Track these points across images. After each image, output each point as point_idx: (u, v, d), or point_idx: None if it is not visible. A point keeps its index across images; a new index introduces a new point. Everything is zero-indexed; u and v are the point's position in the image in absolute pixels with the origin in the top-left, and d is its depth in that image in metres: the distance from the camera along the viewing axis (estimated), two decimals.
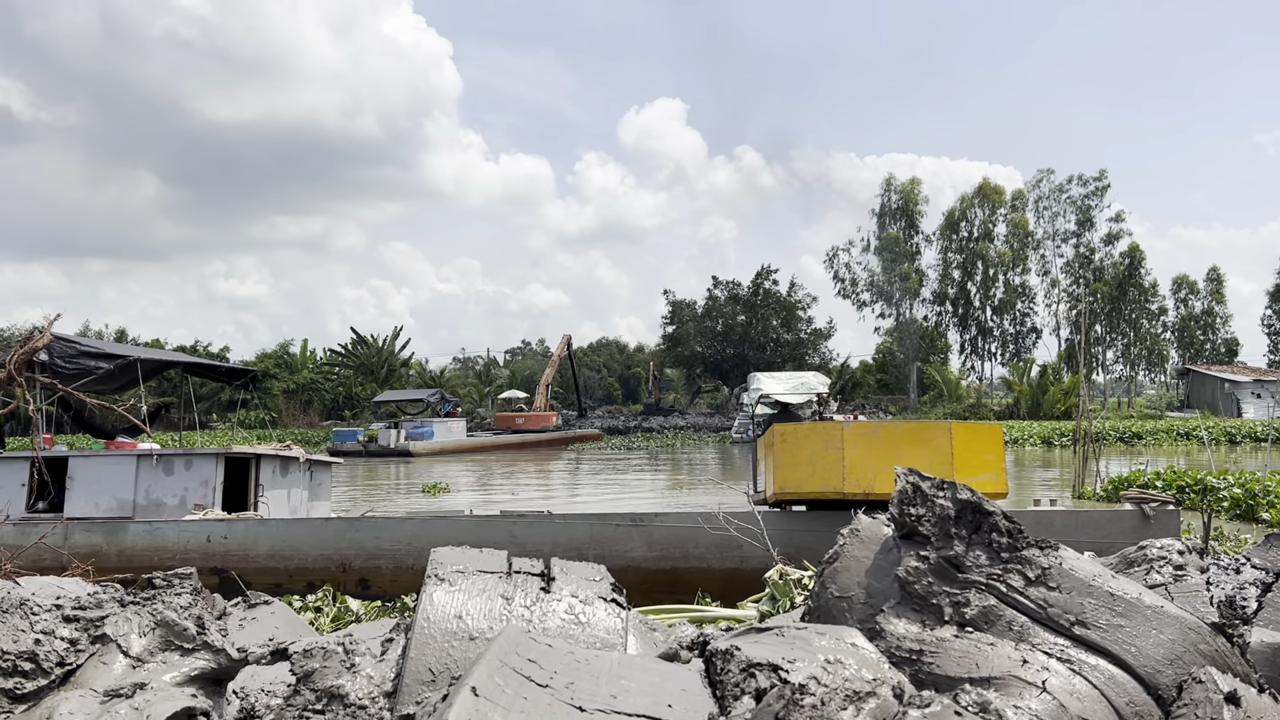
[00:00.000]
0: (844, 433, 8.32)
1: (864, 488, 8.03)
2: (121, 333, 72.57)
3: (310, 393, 67.18)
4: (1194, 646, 2.87)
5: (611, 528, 8.45)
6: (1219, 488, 15.46)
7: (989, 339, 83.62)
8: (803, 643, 2.77)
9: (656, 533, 8.42)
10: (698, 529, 8.28)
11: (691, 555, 8.32)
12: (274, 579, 8.34)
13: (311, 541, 8.54)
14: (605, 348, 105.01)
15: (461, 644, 2.88)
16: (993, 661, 2.77)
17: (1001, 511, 3.24)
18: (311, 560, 8.45)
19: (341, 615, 7.65)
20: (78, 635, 3.19)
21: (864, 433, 8.32)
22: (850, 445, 8.21)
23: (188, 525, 8.67)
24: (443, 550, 3.36)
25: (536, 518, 10.71)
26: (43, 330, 10.27)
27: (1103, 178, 79.86)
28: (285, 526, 8.67)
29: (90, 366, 9.79)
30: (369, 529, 8.53)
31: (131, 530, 8.64)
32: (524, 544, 7.61)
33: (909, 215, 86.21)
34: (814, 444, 8.38)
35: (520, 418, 48.30)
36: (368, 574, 8.28)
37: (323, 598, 8.00)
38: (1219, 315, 79.49)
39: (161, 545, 8.37)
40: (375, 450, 37.00)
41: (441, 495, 20.62)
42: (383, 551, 8.30)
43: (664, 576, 8.11)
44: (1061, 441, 38.33)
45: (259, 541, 8.54)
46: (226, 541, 8.51)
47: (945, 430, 8.19)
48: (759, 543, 8.22)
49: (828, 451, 8.27)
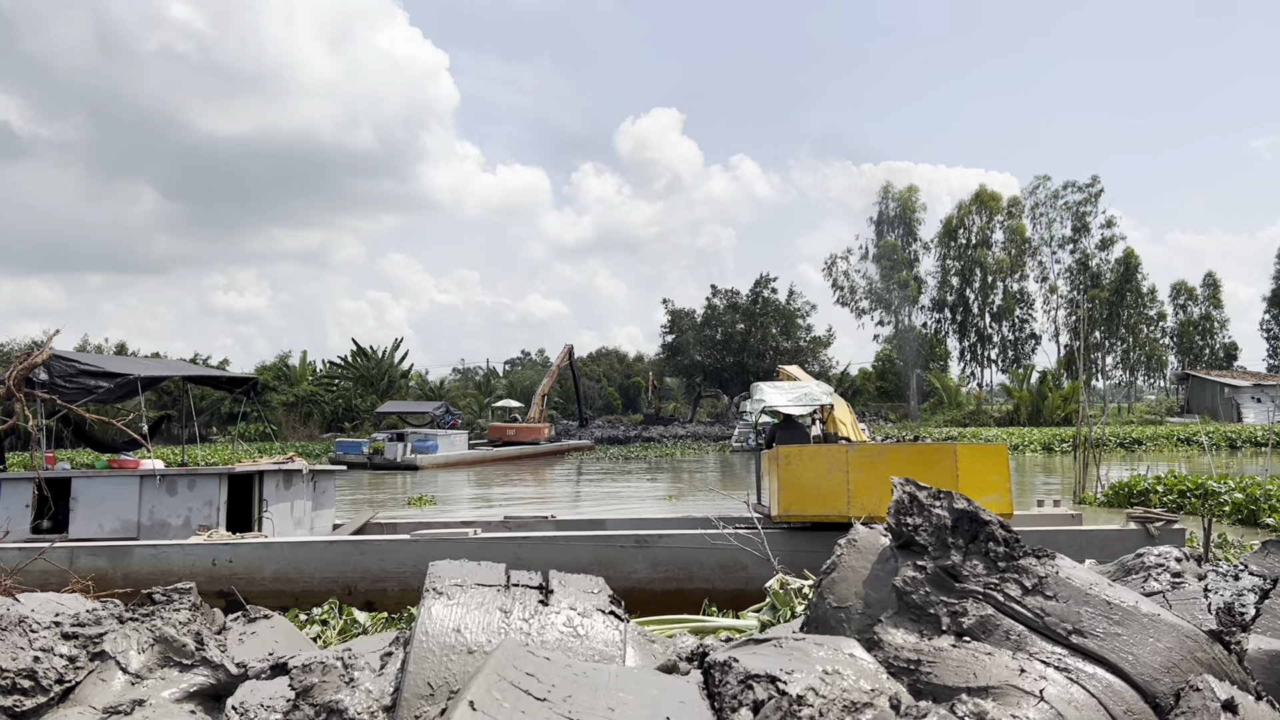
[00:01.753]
0: (848, 456, 8.32)
1: (869, 511, 8.03)
2: (121, 346, 72.62)
3: (310, 405, 67.15)
4: (1191, 654, 2.88)
5: (616, 548, 8.49)
6: (1220, 493, 15.46)
7: (988, 345, 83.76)
8: (801, 654, 2.77)
9: (661, 553, 8.45)
10: (702, 549, 8.31)
11: (696, 576, 8.35)
12: (280, 602, 8.39)
13: (316, 564, 8.60)
14: (605, 357, 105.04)
15: (460, 658, 2.88)
16: (990, 671, 2.78)
17: (998, 520, 3.25)
18: (317, 583, 8.53)
19: (348, 628, 7.66)
20: (76, 652, 3.20)
21: (868, 455, 8.31)
22: (855, 468, 8.22)
23: (193, 548, 8.72)
24: (441, 564, 3.37)
25: (538, 521, 10.78)
26: (42, 346, 10.27)
27: (1095, 183, 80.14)
28: (290, 549, 8.70)
29: (91, 385, 9.81)
30: (374, 551, 8.57)
31: (137, 554, 8.68)
32: (529, 564, 7.59)
33: (907, 223, 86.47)
34: (818, 467, 8.38)
35: (511, 429, 48.47)
36: (373, 596, 8.35)
37: (329, 611, 8.02)
38: (1216, 320, 79.62)
39: (167, 569, 8.39)
40: (381, 463, 37.25)
41: (426, 507, 20.66)
42: (388, 574, 8.37)
43: (669, 598, 8.14)
44: (1062, 448, 38.33)
45: (264, 564, 8.60)
46: (232, 565, 8.57)
47: (950, 452, 8.19)
48: (760, 553, 8.23)
49: (832, 475, 8.29)
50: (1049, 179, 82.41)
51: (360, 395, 66.31)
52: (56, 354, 9.90)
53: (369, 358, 68.58)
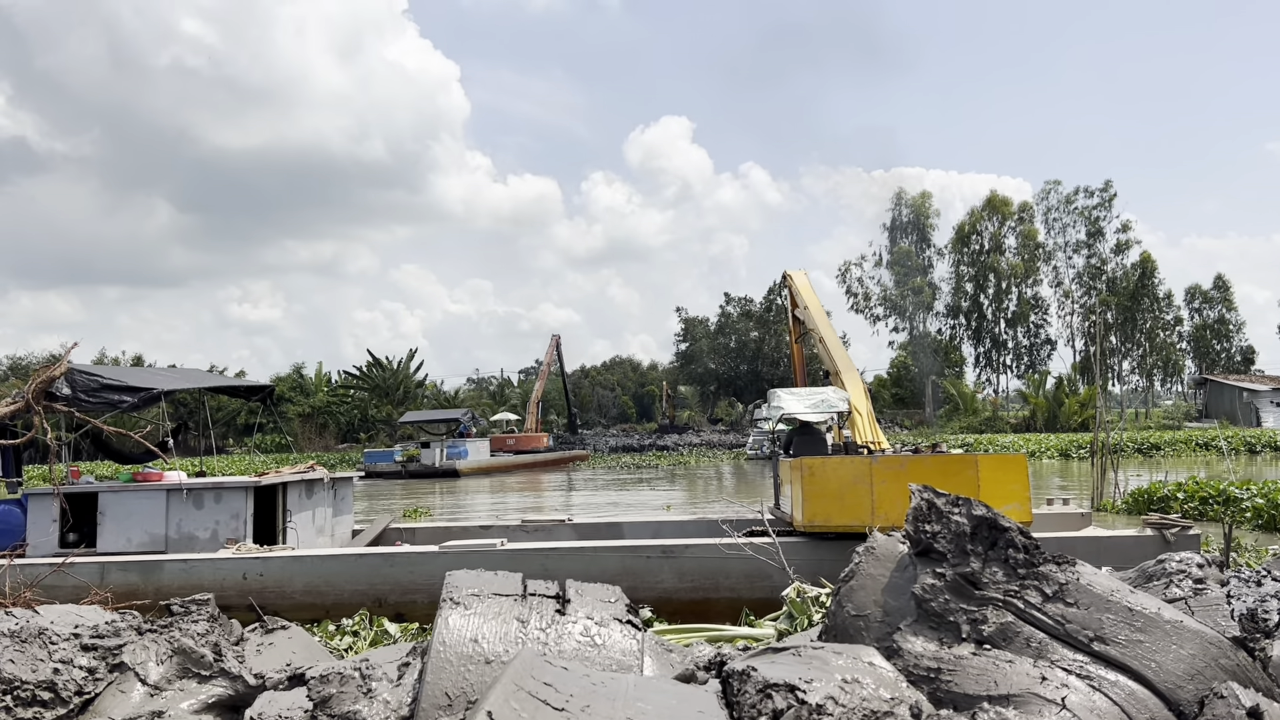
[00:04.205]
0: (872, 467, 8.53)
1: (893, 521, 8.19)
2: (138, 358, 73.15)
3: (325, 416, 67.45)
4: (1215, 661, 2.84)
5: (643, 559, 8.56)
6: (1241, 498, 15.28)
7: (1003, 351, 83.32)
8: (819, 662, 2.75)
9: (687, 563, 8.52)
10: (728, 559, 8.37)
11: (723, 585, 8.42)
12: (311, 614, 8.48)
13: (346, 577, 8.66)
14: (619, 366, 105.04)
15: (477, 668, 2.88)
16: (1011, 679, 2.75)
17: (1018, 527, 3.22)
18: (347, 595, 8.59)
19: (379, 640, 7.68)
20: (96, 664, 3.21)
21: (892, 466, 8.51)
22: (879, 479, 8.44)
23: (223, 562, 8.77)
24: (458, 574, 3.37)
25: (556, 525, 10.84)
26: (60, 359, 10.33)
27: (1109, 188, 79.79)
28: (320, 562, 8.76)
29: (115, 400, 9.87)
30: (403, 563, 8.63)
31: (167, 569, 8.73)
32: (556, 575, 7.60)
33: (920, 229, 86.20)
34: (843, 477, 8.60)
35: (511, 438, 49.06)
36: (403, 608, 8.41)
37: (359, 622, 8.05)
38: (1231, 323, 79.04)
39: (198, 583, 8.45)
40: (417, 470, 37.09)
41: (422, 518, 20.29)
42: (417, 586, 8.42)
43: (696, 607, 8.23)
44: (1079, 454, 38.05)
45: (295, 578, 8.66)
46: (263, 579, 8.64)
47: (972, 463, 8.38)
48: (776, 562, 8.23)
49: (856, 486, 8.51)
50: (1060, 184, 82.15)
51: (376, 406, 66.54)
52: (77, 367, 9.95)
53: (384, 368, 68.83)
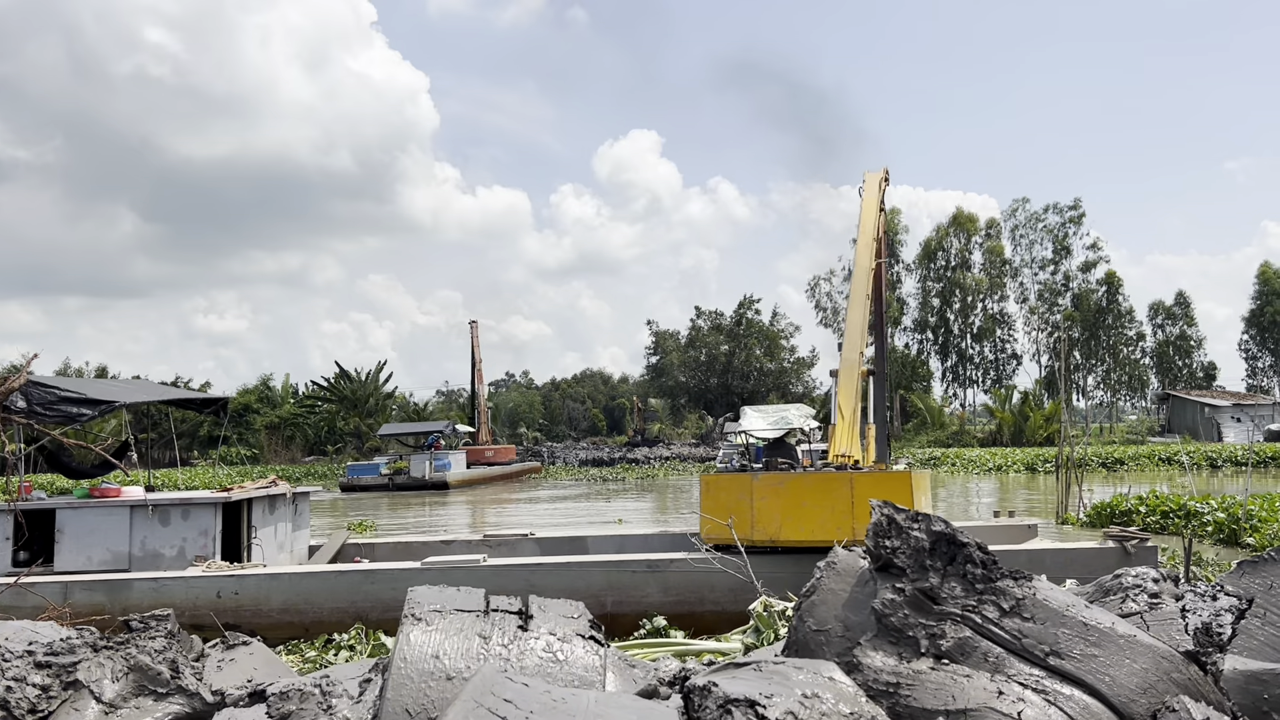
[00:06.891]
0: (753, 484, 8.90)
1: (770, 535, 8.71)
2: (102, 369, 72.06)
3: (292, 427, 66.74)
4: (1167, 675, 2.89)
5: (628, 574, 8.60)
6: (1202, 512, 15.54)
7: (970, 366, 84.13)
8: (780, 677, 2.77)
9: (672, 578, 8.58)
10: (713, 573, 8.42)
11: (707, 599, 8.47)
12: (290, 633, 8.16)
13: (325, 594, 8.36)
14: (589, 379, 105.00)
15: (438, 684, 2.87)
16: (969, 693, 2.78)
17: (976, 542, 3.26)
18: (327, 613, 8.28)
19: (376, 654, 7.54)
20: (50, 681, 3.16)
21: (772, 484, 8.89)
22: (759, 496, 8.82)
23: (196, 580, 8.43)
24: (420, 590, 3.35)
25: (519, 540, 10.79)
26: (19, 370, 10.13)
27: (1078, 206, 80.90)
28: (299, 580, 8.45)
29: (73, 413, 9.56)
30: (385, 580, 8.34)
31: (136, 587, 8.34)
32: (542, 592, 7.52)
33: (889, 245, 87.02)
34: (731, 493, 9.00)
35: (490, 450, 48.65)
36: (385, 625, 7.99)
37: (356, 635, 7.87)
38: (1193, 339, 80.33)
39: (169, 602, 8.02)
40: (405, 483, 35.96)
41: (367, 532, 19.65)
42: (400, 603, 8.21)
43: (682, 621, 8.25)
44: (1045, 468, 38.48)
45: (271, 596, 8.34)
46: (238, 597, 8.30)
47: (847, 480, 8.68)
48: (744, 575, 8.29)
49: (740, 501, 8.90)
50: (1028, 201, 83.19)
51: (344, 418, 65.93)
52: (34, 380, 9.72)
53: (352, 380, 68.24)
